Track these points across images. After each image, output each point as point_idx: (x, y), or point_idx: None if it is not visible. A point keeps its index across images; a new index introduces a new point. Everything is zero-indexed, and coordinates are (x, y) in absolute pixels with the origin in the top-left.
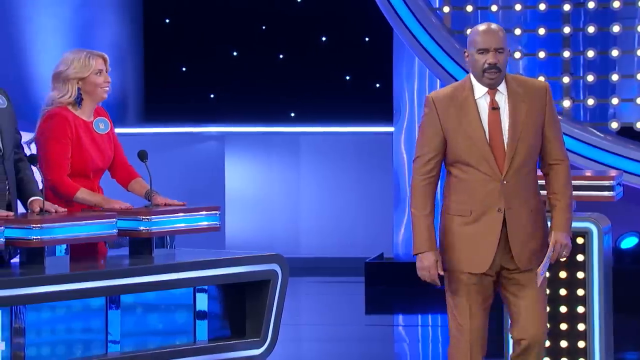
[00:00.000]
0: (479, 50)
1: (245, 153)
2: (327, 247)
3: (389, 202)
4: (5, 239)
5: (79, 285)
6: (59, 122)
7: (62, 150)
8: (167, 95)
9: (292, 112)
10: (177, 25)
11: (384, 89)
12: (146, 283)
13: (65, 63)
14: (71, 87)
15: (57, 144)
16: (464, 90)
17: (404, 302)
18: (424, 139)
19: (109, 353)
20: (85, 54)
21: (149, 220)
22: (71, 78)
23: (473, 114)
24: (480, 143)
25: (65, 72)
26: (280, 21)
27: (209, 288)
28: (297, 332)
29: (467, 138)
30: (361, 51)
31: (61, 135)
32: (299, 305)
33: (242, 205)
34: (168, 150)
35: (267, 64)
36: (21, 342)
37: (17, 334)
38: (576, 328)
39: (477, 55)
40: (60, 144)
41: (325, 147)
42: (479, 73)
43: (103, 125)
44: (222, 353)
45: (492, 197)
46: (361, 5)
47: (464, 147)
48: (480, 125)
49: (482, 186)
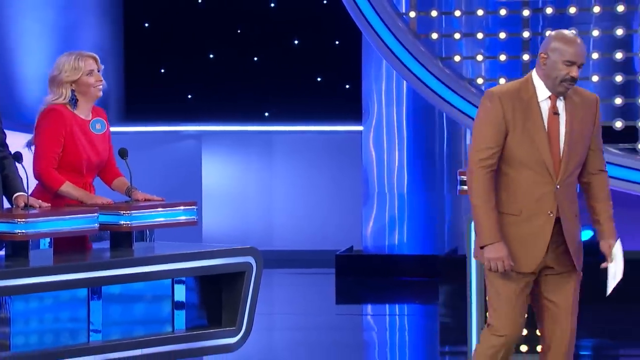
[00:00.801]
0: (566, 62)
1: (221, 151)
2: (300, 240)
3: (359, 198)
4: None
5: (62, 277)
6: (53, 117)
7: (52, 144)
8: (146, 95)
9: (266, 112)
10: (156, 28)
11: (353, 89)
12: (127, 275)
13: (57, 67)
14: (64, 90)
15: (48, 138)
16: (528, 91)
17: (372, 292)
18: (488, 132)
19: (91, 342)
20: (74, 57)
21: (129, 214)
22: (64, 82)
23: (537, 116)
24: (542, 146)
25: (59, 76)
26: (255, 25)
27: (187, 279)
28: (271, 321)
29: (530, 140)
30: (332, 54)
31: (54, 129)
32: (273, 296)
33: (219, 201)
34: (148, 148)
35: (243, 66)
36: (6, 331)
37: (3, 324)
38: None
39: (562, 65)
40: (52, 138)
41: (298, 145)
42: (555, 81)
43: (100, 125)
44: (200, 341)
45: (546, 200)
46: (332, 10)
47: (524, 147)
48: (543, 128)
49: (536, 188)
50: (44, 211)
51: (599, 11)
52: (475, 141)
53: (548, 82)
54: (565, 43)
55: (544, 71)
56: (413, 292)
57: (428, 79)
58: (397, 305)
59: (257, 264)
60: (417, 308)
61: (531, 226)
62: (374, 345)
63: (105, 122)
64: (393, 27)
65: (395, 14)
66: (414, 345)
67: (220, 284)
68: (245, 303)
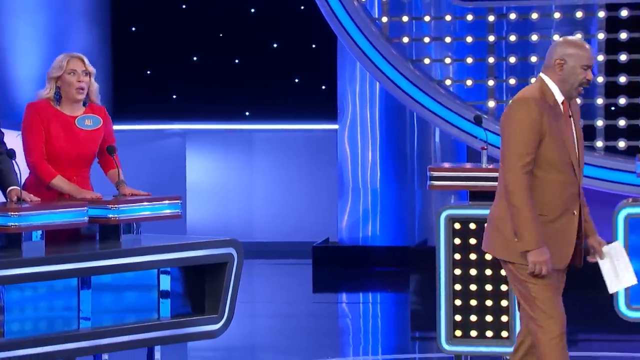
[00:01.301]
0: (584, 66)
1: (204, 148)
2: (278, 233)
3: (334, 192)
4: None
5: (54, 267)
6: (28, 112)
7: (33, 137)
8: (133, 95)
9: (246, 111)
10: (142, 32)
11: (329, 90)
12: (114, 265)
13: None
14: (50, 85)
15: (30, 132)
16: (551, 96)
17: (347, 281)
18: (528, 139)
19: (80, 329)
20: (63, 56)
21: (117, 208)
22: (50, 77)
23: (564, 119)
24: (571, 149)
25: (49, 72)
26: (236, 29)
27: (172, 270)
28: (251, 309)
29: (561, 142)
30: (309, 56)
31: (31, 124)
32: (253, 285)
33: (202, 195)
34: (135, 145)
35: (224, 67)
36: (1, 319)
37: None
38: (500, 304)
39: (580, 69)
40: (33, 131)
41: (277, 142)
42: (573, 85)
43: (90, 121)
44: (184, 328)
45: (572, 200)
46: (309, 16)
47: (556, 150)
48: (571, 131)
49: (564, 189)
50: (36, 205)
51: (559, 17)
52: (516, 148)
53: (564, 86)
54: (581, 48)
55: (560, 76)
56: (385, 281)
57: (399, 80)
58: (370, 294)
59: (238, 255)
60: (389, 296)
61: (560, 225)
62: (348, 331)
63: (100, 119)
64: (366, 31)
65: (369, 19)
66: (386, 331)
67: (204, 274)
68: (227, 292)
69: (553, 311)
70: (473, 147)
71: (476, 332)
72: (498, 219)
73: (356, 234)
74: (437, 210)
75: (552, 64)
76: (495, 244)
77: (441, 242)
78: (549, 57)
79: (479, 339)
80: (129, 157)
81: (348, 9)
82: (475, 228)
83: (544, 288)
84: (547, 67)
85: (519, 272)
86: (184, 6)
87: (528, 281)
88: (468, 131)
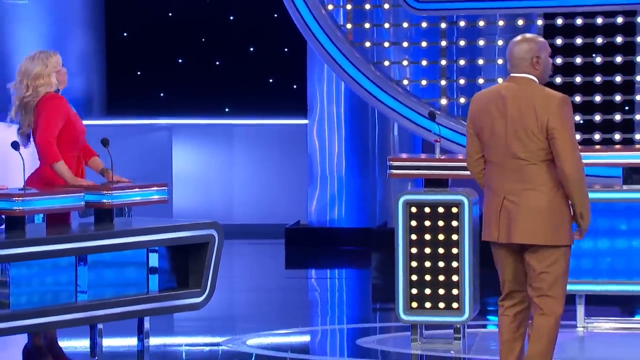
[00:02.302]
0: (550, 54)
1: (189, 140)
2: (255, 216)
3: (304, 180)
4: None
5: (54, 246)
6: (60, 100)
7: (57, 122)
8: (125, 93)
9: (226, 108)
10: (133, 38)
11: (299, 89)
12: (108, 245)
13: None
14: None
15: (55, 116)
16: None
17: (316, 259)
18: (574, 132)
19: (78, 301)
20: (53, 52)
21: (110, 194)
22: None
23: None
24: None
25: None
26: (217, 35)
27: (159, 249)
28: (230, 283)
29: None
30: (281, 59)
31: (60, 109)
32: (232, 262)
33: (186, 182)
34: (126, 138)
35: (206, 69)
36: (6, 292)
37: (3, 286)
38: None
39: (549, 59)
40: (58, 116)
41: (253, 135)
42: (548, 74)
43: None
44: (170, 301)
45: None
46: (281, 23)
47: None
48: None
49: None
50: (38, 191)
51: (503, 25)
52: (574, 141)
53: (544, 78)
54: (543, 41)
55: (539, 71)
56: (350, 259)
57: (362, 80)
58: (336, 270)
59: (219, 235)
60: (353, 272)
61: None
62: (317, 303)
63: None
64: (333, 36)
65: (335, 25)
66: (350, 302)
67: (188, 253)
68: (209, 269)
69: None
70: (427, 140)
71: (430, 303)
72: (547, 209)
73: (324, 217)
74: (396, 195)
75: (528, 64)
76: (548, 233)
77: (399, 224)
78: (520, 58)
79: (433, 309)
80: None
81: (316, 17)
82: (429, 212)
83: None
84: (522, 67)
85: (565, 255)
86: (170, 14)
87: (567, 262)
88: (423, 125)
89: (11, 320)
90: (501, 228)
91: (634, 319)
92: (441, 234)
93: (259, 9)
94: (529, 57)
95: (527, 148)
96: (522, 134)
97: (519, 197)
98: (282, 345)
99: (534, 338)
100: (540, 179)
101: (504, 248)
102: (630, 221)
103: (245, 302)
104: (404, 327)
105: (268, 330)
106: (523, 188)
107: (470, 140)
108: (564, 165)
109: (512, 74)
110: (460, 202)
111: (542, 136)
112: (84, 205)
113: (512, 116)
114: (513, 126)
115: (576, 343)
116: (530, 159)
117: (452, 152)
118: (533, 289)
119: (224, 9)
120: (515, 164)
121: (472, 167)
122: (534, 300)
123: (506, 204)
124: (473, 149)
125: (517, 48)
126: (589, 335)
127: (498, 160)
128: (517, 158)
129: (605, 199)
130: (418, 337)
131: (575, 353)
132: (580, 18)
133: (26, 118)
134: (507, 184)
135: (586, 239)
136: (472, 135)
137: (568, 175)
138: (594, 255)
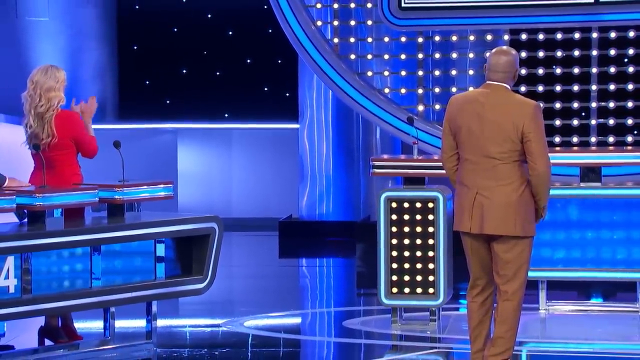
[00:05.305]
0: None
1: (192, 143)
2: (252, 210)
3: (296, 178)
4: (17, 204)
5: (71, 238)
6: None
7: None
8: (135, 100)
9: (226, 113)
10: (143, 50)
11: (291, 97)
12: (120, 236)
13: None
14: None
15: (89, 129)
16: None
17: (307, 250)
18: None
19: (92, 287)
20: (57, 68)
21: (122, 191)
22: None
23: None
24: None
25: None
26: (217, 47)
27: (166, 240)
28: (229, 271)
29: None
30: (275, 70)
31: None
32: (231, 252)
33: (190, 180)
34: (136, 140)
35: (208, 78)
36: (28, 279)
37: (25, 274)
38: (427, 267)
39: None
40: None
41: (251, 138)
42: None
43: None
44: (175, 287)
45: None
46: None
47: None
48: None
49: None
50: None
51: (474, 39)
52: (546, 143)
53: (511, 87)
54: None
55: (512, 83)
56: (337, 249)
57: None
58: (325, 259)
59: (219, 228)
60: (339, 261)
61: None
62: (307, 288)
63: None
64: (321, 49)
65: (323, 39)
66: (337, 288)
67: (191, 243)
68: (210, 258)
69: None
70: (406, 142)
71: (409, 289)
72: (517, 204)
73: (313, 211)
74: (378, 192)
75: (508, 75)
76: (517, 225)
77: (381, 218)
78: (502, 70)
79: (411, 294)
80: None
81: (307, 32)
82: (408, 206)
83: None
84: (502, 77)
85: (529, 245)
86: (175, 29)
87: (530, 252)
88: (402, 129)
89: (33, 304)
90: (474, 220)
91: (590, 302)
92: (419, 226)
93: (255, 25)
94: (512, 69)
95: (502, 149)
96: (498, 137)
97: (492, 193)
98: (276, 326)
99: (500, 321)
100: (511, 177)
101: (474, 238)
102: (586, 215)
103: (243, 288)
104: (385, 310)
105: (263, 313)
106: (495, 184)
107: (445, 139)
108: (537, 164)
109: (489, 82)
110: (436, 197)
111: (517, 139)
112: (98, 200)
113: (489, 120)
114: (490, 129)
115: (538, 324)
116: (503, 158)
117: (429, 154)
118: (499, 276)
119: (224, 25)
120: (489, 162)
121: (446, 163)
122: (500, 286)
123: (479, 199)
124: (448, 147)
125: (503, 60)
126: (550, 317)
127: (473, 158)
128: (491, 157)
129: (564, 195)
130: (398, 319)
131: (537, 333)
132: (542, 33)
133: (44, 129)
134: (480, 180)
135: (547, 231)
136: (447, 134)
137: (540, 173)
138: (553, 245)
